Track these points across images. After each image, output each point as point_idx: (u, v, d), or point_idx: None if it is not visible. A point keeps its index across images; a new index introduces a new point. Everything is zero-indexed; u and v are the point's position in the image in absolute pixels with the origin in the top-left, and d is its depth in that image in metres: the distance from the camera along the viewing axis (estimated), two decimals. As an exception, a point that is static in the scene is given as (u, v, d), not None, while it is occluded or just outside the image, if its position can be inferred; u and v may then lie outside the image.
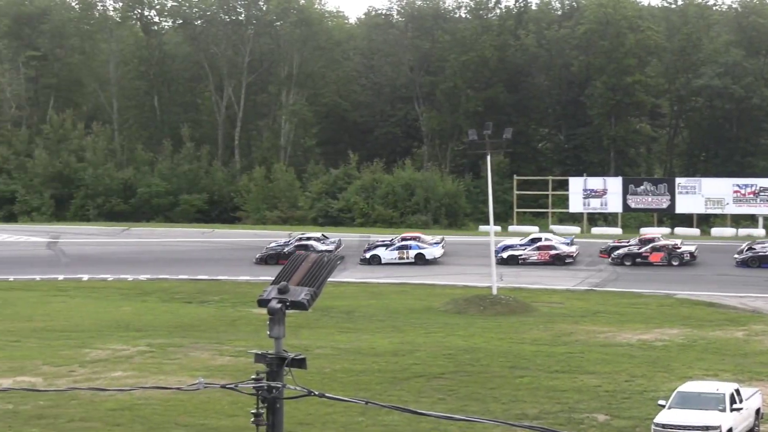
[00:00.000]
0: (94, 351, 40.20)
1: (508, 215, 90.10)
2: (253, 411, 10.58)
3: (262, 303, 10.71)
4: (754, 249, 65.88)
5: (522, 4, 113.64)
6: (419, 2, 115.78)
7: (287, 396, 10.56)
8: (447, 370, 37.21)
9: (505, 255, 65.04)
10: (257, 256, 67.04)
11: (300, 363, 10.52)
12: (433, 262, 66.05)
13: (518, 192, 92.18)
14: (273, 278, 11.00)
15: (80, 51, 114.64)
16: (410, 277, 61.81)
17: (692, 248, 66.65)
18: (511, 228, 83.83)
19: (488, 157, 56.26)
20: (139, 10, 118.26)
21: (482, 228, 78.11)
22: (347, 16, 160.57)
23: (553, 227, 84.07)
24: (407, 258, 65.76)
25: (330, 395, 11.11)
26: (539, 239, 69.40)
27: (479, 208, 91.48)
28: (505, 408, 32.06)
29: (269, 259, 65.47)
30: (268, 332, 10.61)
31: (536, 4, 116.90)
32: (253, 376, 10.64)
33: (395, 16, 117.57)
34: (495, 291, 53.25)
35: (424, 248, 66.74)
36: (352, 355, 39.76)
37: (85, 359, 38.69)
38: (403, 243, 67.38)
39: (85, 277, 61.84)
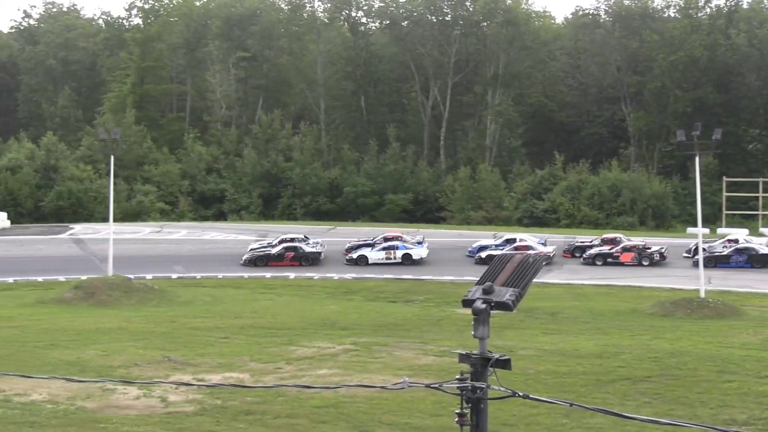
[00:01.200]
0: (300, 348, 40.89)
1: (717, 217, 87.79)
2: (457, 411, 10.54)
3: (467, 303, 10.66)
4: (710, 249, 64.92)
5: (733, 3, 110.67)
6: (627, 2, 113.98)
7: (491, 396, 10.48)
8: (653, 373, 36.38)
9: (483, 255, 64.38)
10: (244, 257, 66.14)
11: (504, 364, 10.42)
12: (419, 262, 65.18)
13: (727, 194, 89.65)
14: (477, 279, 10.95)
15: (288, 52, 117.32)
16: (616, 279, 60.89)
17: (662, 248, 66.34)
18: (719, 230, 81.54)
19: (697, 159, 54.74)
20: (347, 11, 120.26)
21: (690, 230, 76.19)
22: (554, 16, 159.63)
23: (763, 229, 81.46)
24: (394, 258, 65.01)
25: (534, 396, 10.97)
26: (514, 240, 68.23)
27: (687, 210, 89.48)
28: (713, 413, 31.13)
29: (258, 260, 65.01)
30: (473, 332, 10.56)
31: (747, 2, 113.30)
32: (457, 376, 10.60)
33: (602, 16, 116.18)
34: (703, 294, 51.94)
35: (410, 248, 66.08)
36: (556, 357, 39.31)
37: (291, 356, 39.39)
38: (390, 243, 66.55)
39: (292, 275, 63.11)
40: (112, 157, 58.78)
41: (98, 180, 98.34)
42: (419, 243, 68.29)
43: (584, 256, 66.70)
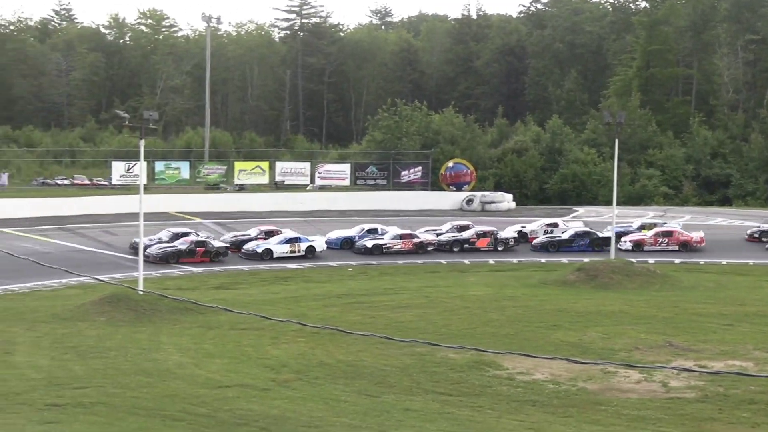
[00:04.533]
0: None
1: None
2: None
3: None
4: (552, 233, 65.84)
5: None
6: None
7: None
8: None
9: (369, 244, 62.13)
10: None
11: None
12: (320, 255, 61.10)
13: None
14: None
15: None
16: None
17: (513, 234, 65.64)
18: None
19: None
20: None
21: None
22: None
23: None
24: (299, 251, 60.59)
25: None
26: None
27: None
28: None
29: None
30: None
31: None
32: None
33: None
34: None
35: (312, 240, 61.70)
36: None
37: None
38: (292, 236, 61.93)
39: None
40: (617, 141, 59.06)
41: (602, 163, 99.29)
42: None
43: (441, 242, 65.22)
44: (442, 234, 65.65)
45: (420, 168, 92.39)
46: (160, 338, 39.31)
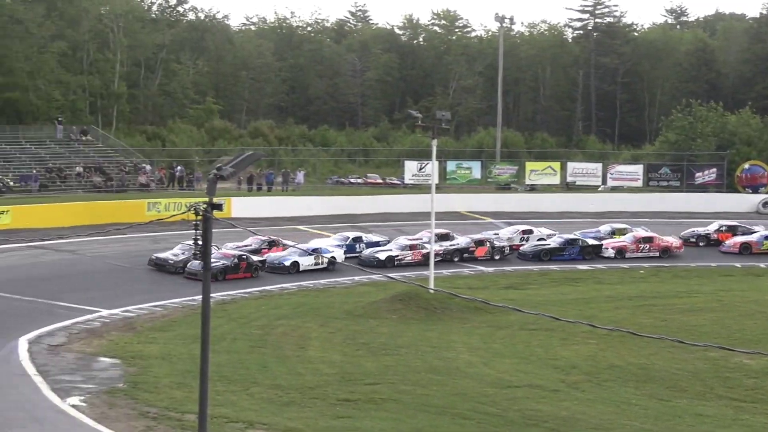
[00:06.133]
0: None
1: None
2: None
3: None
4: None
5: None
6: None
7: None
8: None
9: (382, 256, 56.25)
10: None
11: None
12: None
13: None
14: None
15: None
16: None
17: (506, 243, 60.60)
18: None
19: None
20: None
21: None
22: None
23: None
24: (322, 263, 54.33)
25: None
26: None
27: None
28: None
29: None
30: None
31: None
32: None
33: None
34: None
35: (331, 252, 55.47)
36: None
37: None
38: (314, 247, 55.92)
39: None
40: None
41: None
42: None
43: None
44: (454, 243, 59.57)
45: (714, 169, 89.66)
46: (450, 337, 39.79)
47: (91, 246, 56.55)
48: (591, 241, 61.23)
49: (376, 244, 59.34)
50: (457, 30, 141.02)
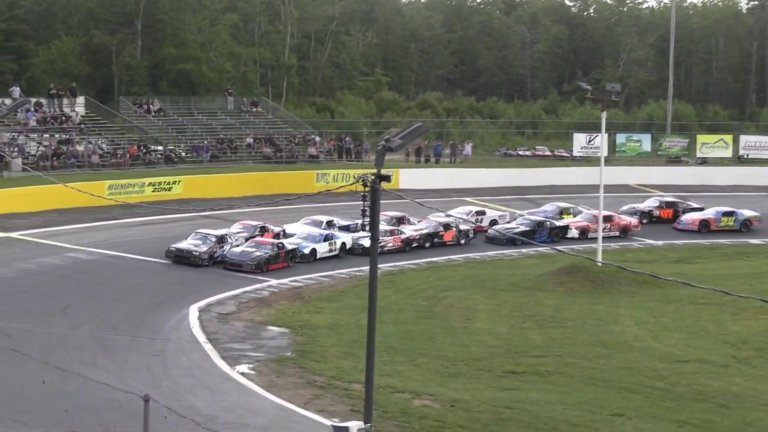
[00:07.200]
0: None
1: None
2: None
3: None
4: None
5: None
6: None
7: None
8: None
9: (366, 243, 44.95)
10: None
11: None
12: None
13: None
14: None
15: None
16: None
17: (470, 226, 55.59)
18: None
19: None
20: None
21: None
22: None
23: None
24: (335, 249, 49.45)
25: None
26: None
27: None
28: None
29: None
30: None
31: None
32: None
33: None
34: None
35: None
36: None
37: None
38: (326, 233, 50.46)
39: None
40: None
41: None
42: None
43: None
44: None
45: None
46: (617, 310, 39.42)
47: (262, 216, 57.74)
48: (558, 223, 57.59)
49: (346, 228, 52.94)
50: (628, 1, 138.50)
